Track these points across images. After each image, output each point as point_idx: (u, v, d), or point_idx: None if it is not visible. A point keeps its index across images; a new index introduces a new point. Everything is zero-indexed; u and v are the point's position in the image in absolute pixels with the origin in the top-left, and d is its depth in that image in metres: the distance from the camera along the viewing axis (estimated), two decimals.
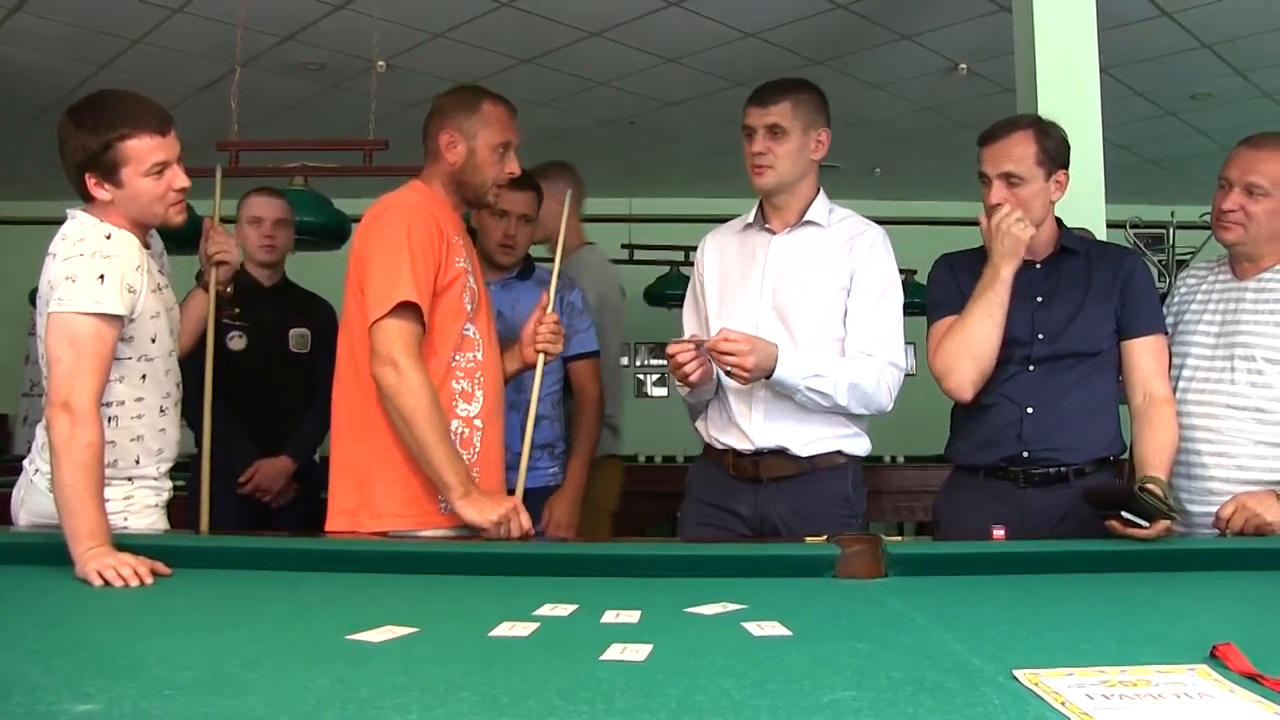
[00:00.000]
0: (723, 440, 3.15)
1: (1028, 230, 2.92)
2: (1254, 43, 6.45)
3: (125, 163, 2.60)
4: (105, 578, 2.17)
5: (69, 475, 2.35)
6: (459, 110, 3.02)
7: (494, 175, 3.02)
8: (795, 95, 3.11)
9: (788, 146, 3.09)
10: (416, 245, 2.83)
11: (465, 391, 2.95)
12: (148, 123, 2.61)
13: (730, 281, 3.22)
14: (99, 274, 2.53)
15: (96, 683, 1.42)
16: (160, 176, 2.64)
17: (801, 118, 3.10)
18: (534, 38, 6.46)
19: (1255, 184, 2.95)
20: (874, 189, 9.80)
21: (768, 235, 3.20)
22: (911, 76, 7.13)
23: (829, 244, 3.15)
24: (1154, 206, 7.85)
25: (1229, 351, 2.98)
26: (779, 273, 3.14)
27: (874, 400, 3.04)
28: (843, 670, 1.50)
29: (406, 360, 2.75)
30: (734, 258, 3.25)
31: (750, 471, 3.10)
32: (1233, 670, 1.47)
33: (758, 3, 5.94)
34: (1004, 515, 2.80)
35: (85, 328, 2.49)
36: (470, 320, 2.97)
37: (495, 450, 3.02)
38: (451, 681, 1.44)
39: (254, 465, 4.15)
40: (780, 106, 3.08)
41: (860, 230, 3.19)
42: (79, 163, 2.61)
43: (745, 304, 3.14)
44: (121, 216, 2.67)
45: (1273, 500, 2.73)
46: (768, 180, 3.11)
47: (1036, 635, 1.77)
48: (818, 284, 3.11)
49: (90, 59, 6.59)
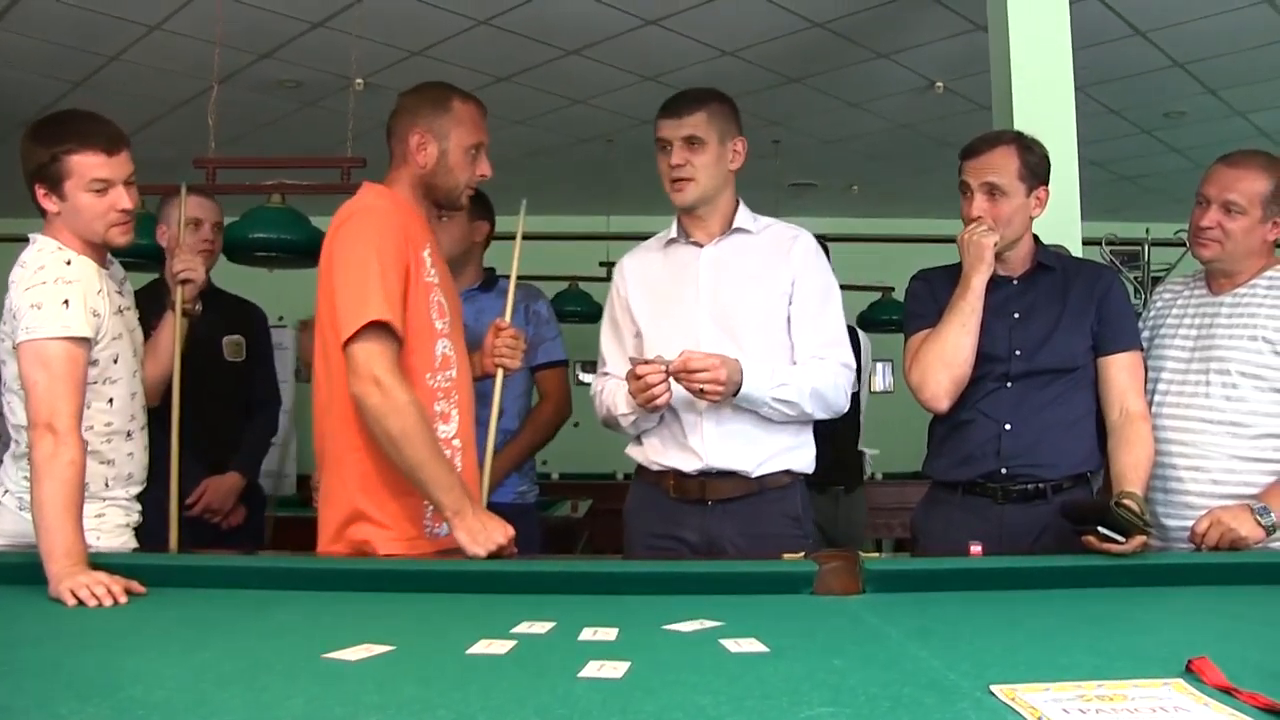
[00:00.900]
0: (663, 462, 3.06)
1: (991, 236, 2.93)
2: (1226, 62, 6.51)
3: (68, 176, 2.63)
4: (79, 597, 2.15)
5: (49, 493, 2.34)
6: (428, 109, 2.89)
7: (467, 178, 2.89)
8: (709, 105, 3.04)
9: (706, 158, 3.02)
10: (387, 257, 2.69)
11: (444, 413, 2.83)
12: (95, 141, 2.64)
13: (661, 299, 3.13)
14: (63, 299, 2.55)
15: (69, 704, 1.41)
16: (103, 195, 2.65)
17: (717, 128, 3.03)
18: (512, 56, 6.47)
19: (1233, 201, 2.97)
20: (851, 206, 9.85)
21: (694, 248, 3.13)
22: (888, 94, 7.17)
23: (764, 250, 3.11)
24: (1129, 224, 7.89)
25: (1204, 366, 3.00)
26: (716, 283, 3.07)
27: (833, 403, 3.03)
28: (820, 686, 1.50)
29: (390, 379, 2.60)
30: (660, 275, 3.17)
31: (695, 493, 3.03)
32: (1207, 684, 1.47)
33: (735, 21, 5.96)
34: (982, 531, 2.80)
35: (56, 351, 2.50)
36: (445, 336, 2.85)
37: (473, 470, 2.94)
38: (428, 700, 1.43)
39: (202, 484, 3.90)
40: (695, 117, 3.01)
41: (794, 234, 3.15)
42: (30, 172, 2.65)
43: (682, 319, 3.06)
44: (71, 234, 2.69)
45: (1247, 515, 2.73)
46: (689, 194, 3.05)
47: (1013, 651, 1.77)
48: (759, 291, 3.05)
49: (67, 75, 6.57)
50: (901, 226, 9.25)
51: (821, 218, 9.68)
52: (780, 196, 8.64)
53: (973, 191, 2.98)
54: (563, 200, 9.30)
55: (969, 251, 2.95)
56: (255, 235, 4.74)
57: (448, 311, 2.89)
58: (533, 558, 3.11)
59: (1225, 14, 5.80)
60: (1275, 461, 2.90)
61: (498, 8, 5.80)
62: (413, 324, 2.75)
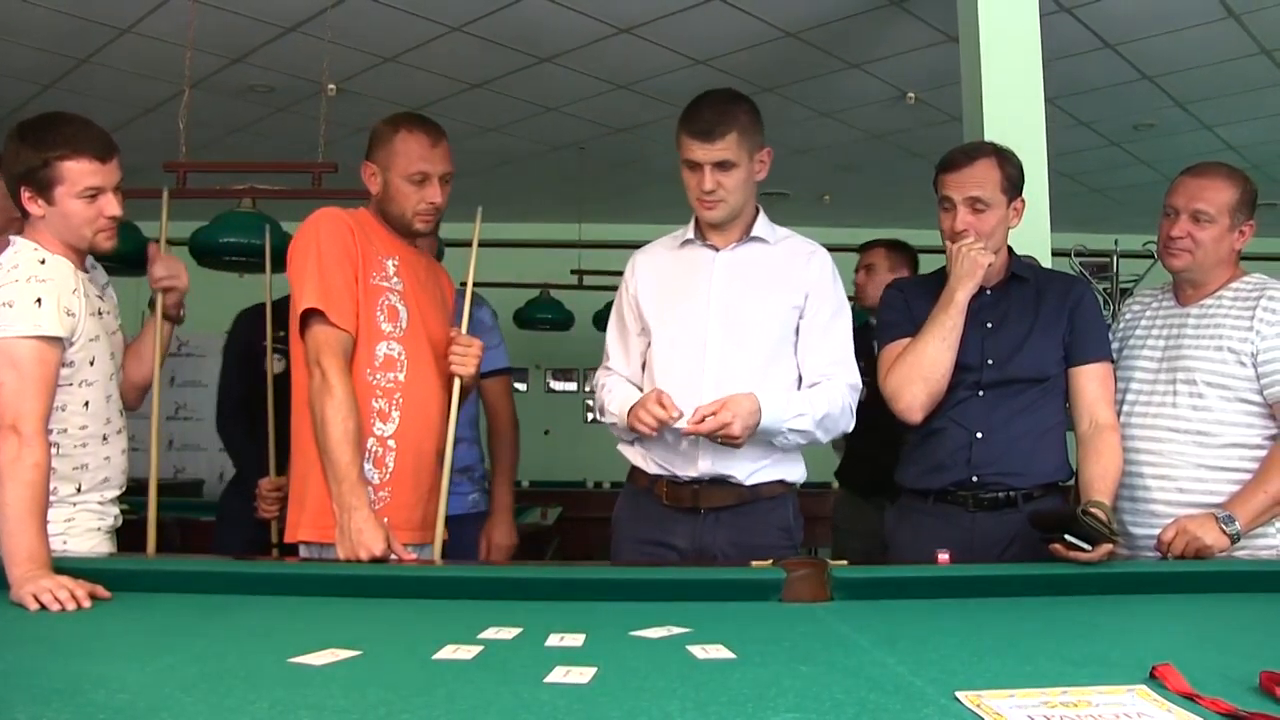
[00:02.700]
0: (657, 464, 3.03)
1: (987, 256, 2.95)
2: (1194, 75, 6.57)
3: (60, 181, 2.64)
4: (41, 601, 2.13)
5: (12, 496, 2.32)
6: (376, 142, 3.04)
7: (413, 205, 3.00)
8: (739, 123, 2.96)
9: (738, 178, 2.98)
10: (326, 252, 2.86)
11: (382, 411, 2.92)
12: (89, 148, 2.65)
13: (672, 298, 3.10)
14: (35, 298, 2.54)
15: (28, 708, 1.39)
16: (92, 201, 2.67)
17: (747, 146, 2.97)
18: (484, 63, 6.47)
19: (1201, 211, 2.99)
20: (823, 216, 9.87)
21: (710, 251, 3.09)
22: (860, 105, 7.20)
23: (779, 260, 3.08)
24: (1098, 235, 7.94)
25: (1171, 376, 3.02)
26: (728, 288, 3.04)
27: (841, 427, 3.03)
28: (786, 693, 1.50)
29: (329, 364, 2.77)
30: (672, 274, 3.13)
31: (688, 501, 2.99)
32: (1171, 690, 1.48)
33: (708, 30, 5.98)
34: (953, 540, 2.80)
35: (26, 350, 2.49)
36: (395, 340, 2.95)
37: (411, 471, 2.97)
38: (393, 705, 1.43)
39: None
40: (727, 140, 2.93)
41: (811, 249, 3.13)
42: (17, 174, 2.65)
43: (691, 320, 3.03)
44: (53, 237, 2.69)
45: (1212, 524, 2.76)
46: (719, 214, 3.01)
47: (979, 657, 1.77)
48: (771, 300, 3.02)
49: (37, 78, 6.54)
50: (873, 236, 9.25)
51: (794, 227, 9.69)
52: None
53: (955, 205, 2.99)
54: (535, 207, 9.31)
55: (961, 265, 2.95)
56: (225, 240, 4.72)
57: (404, 318, 2.99)
58: (500, 563, 3.11)
59: (1193, 28, 5.86)
60: (1241, 471, 2.92)
61: (471, 14, 5.80)
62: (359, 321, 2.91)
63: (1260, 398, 2.94)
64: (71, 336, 2.63)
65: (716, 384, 2.90)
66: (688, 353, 3.00)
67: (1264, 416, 2.95)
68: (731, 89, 3.10)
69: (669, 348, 3.02)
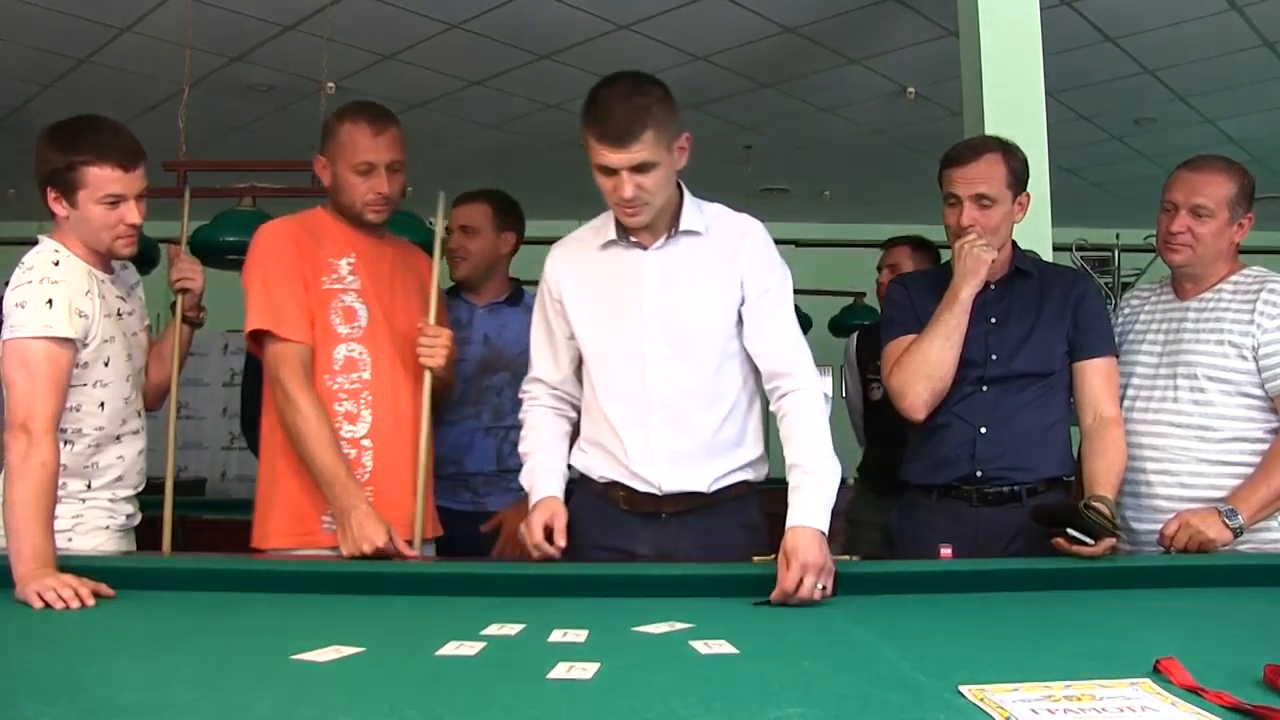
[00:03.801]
0: (609, 475, 2.80)
1: (990, 253, 2.93)
2: (1195, 68, 6.56)
3: (82, 186, 2.64)
4: (46, 599, 2.13)
5: (19, 495, 2.33)
6: (324, 136, 3.07)
7: (360, 196, 2.99)
8: (654, 119, 2.58)
9: (658, 178, 2.63)
10: (270, 269, 2.92)
11: (349, 412, 2.95)
12: (114, 155, 2.65)
13: (602, 307, 2.81)
14: (46, 299, 2.56)
15: (34, 705, 1.40)
16: (113, 208, 2.68)
17: (665, 139, 2.61)
18: (484, 60, 6.46)
19: (1201, 205, 2.99)
20: (822, 212, 9.87)
21: (638, 251, 2.79)
22: (860, 100, 7.19)
23: (714, 251, 2.78)
24: (1099, 229, 7.94)
25: (1171, 370, 3.02)
26: (663, 294, 2.75)
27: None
28: (789, 687, 1.50)
29: (287, 377, 2.83)
30: (599, 279, 2.83)
31: (648, 506, 2.76)
32: (1175, 684, 1.48)
33: (707, 26, 5.97)
34: (958, 534, 2.81)
35: (37, 351, 2.51)
36: (354, 340, 2.97)
37: (392, 467, 2.98)
38: (397, 701, 1.43)
39: None
40: (643, 140, 2.56)
41: (743, 228, 2.81)
42: (44, 175, 2.66)
43: (628, 332, 2.76)
44: (75, 240, 2.71)
45: (1215, 518, 2.76)
46: (645, 218, 2.69)
47: (982, 652, 1.78)
48: (712, 299, 2.75)
49: (36, 78, 6.53)
50: (873, 232, 9.20)
51: (793, 223, 9.68)
52: (752, 202, 8.62)
53: (961, 201, 2.97)
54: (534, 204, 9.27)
55: (964, 262, 2.94)
56: (226, 239, 4.71)
57: (363, 316, 3.00)
58: (502, 560, 3.10)
59: (1194, 21, 5.84)
60: (1242, 465, 2.92)
61: (470, 12, 5.79)
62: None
63: (1261, 391, 2.94)
64: (85, 338, 2.64)
65: (664, 404, 2.72)
66: (629, 374, 2.76)
67: (1265, 410, 2.95)
68: (636, 73, 2.69)
69: (603, 365, 2.80)
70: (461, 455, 3.69)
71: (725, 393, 2.77)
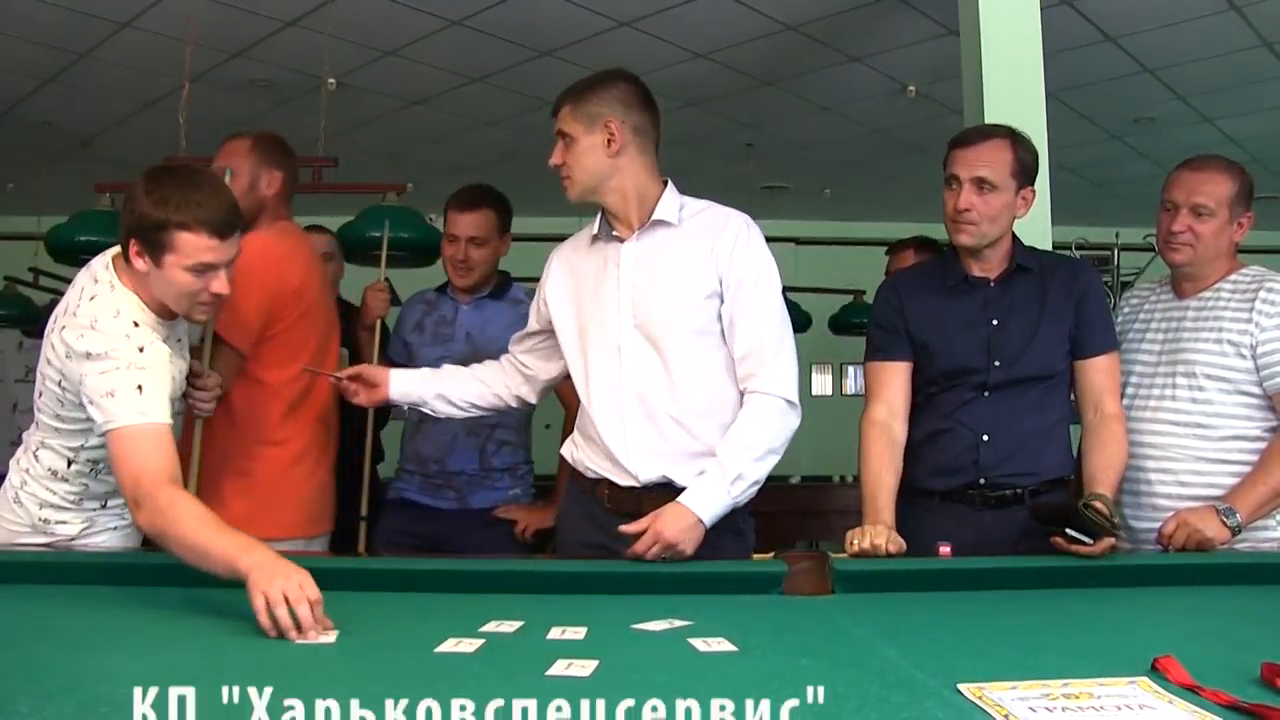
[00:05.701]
0: (596, 470, 2.82)
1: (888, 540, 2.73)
2: (1195, 68, 6.55)
3: (172, 250, 2.49)
4: (277, 617, 1.91)
5: (188, 529, 2.17)
6: None
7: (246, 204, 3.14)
8: (572, 96, 2.82)
9: (576, 151, 2.78)
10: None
11: None
12: (211, 223, 2.49)
13: (586, 301, 2.87)
14: (136, 385, 2.41)
15: (30, 701, 1.40)
16: (200, 276, 2.52)
17: (583, 118, 2.78)
18: (485, 57, 6.45)
19: (1201, 205, 2.98)
20: (823, 210, 9.87)
21: (617, 244, 2.84)
22: (861, 98, 7.18)
23: (686, 242, 2.78)
24: (1099, 228, 7.93)
25: (1171, 369, 3.02)
26: (635, 285, 2.78)
27: (781, 442, 2.74)
28: (787, 685, 1.50)
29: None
30: (582, 275, 2.90)
31: (631, 506, 2.73)
32: (1172, 682, 1.48)
33: (708, 24, 5.96)
34: (961, 536, 2.76)
35: (132, 434, 2.36)
36: None
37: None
38: (395, 697, 1.42)
39: None
40: (561, 113, 2.83)
41: (724, 222, 2.81)
42: (131, 226, 2.51)
43: (604, 324, 2.80)
44: (151, 295, 2.58)
45: (1213, 516, 2.76)
46: (573, 192, 2.82)
47: (981, 650, 1.78)
48: (680, 291, 2.75)
49: (35, 74, 6.52)
50: (873, 230, 9.26)
51: (794, 221, 9.70)
52: (752, 200, 8.64)
53: (961, 183, 2.91)
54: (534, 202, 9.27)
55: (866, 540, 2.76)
56: None
57: None
58: (502, 557, 3.11)
59: (1194, 20, 5.84)
60: (1241, 463, 2.92)
61: (471, 8, 5.79)
62: None
63: (1260, 390, 2.94)
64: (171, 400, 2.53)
65: (639, 396, 2.74)
66: (607, 364, 2.79)
67: (1264, 408, 2.95)
68: (610, 69, 2.93)
69: (586, 357, 2.84)
70: (444, 454, 3.68)
71: (701, 385, 2.76)
